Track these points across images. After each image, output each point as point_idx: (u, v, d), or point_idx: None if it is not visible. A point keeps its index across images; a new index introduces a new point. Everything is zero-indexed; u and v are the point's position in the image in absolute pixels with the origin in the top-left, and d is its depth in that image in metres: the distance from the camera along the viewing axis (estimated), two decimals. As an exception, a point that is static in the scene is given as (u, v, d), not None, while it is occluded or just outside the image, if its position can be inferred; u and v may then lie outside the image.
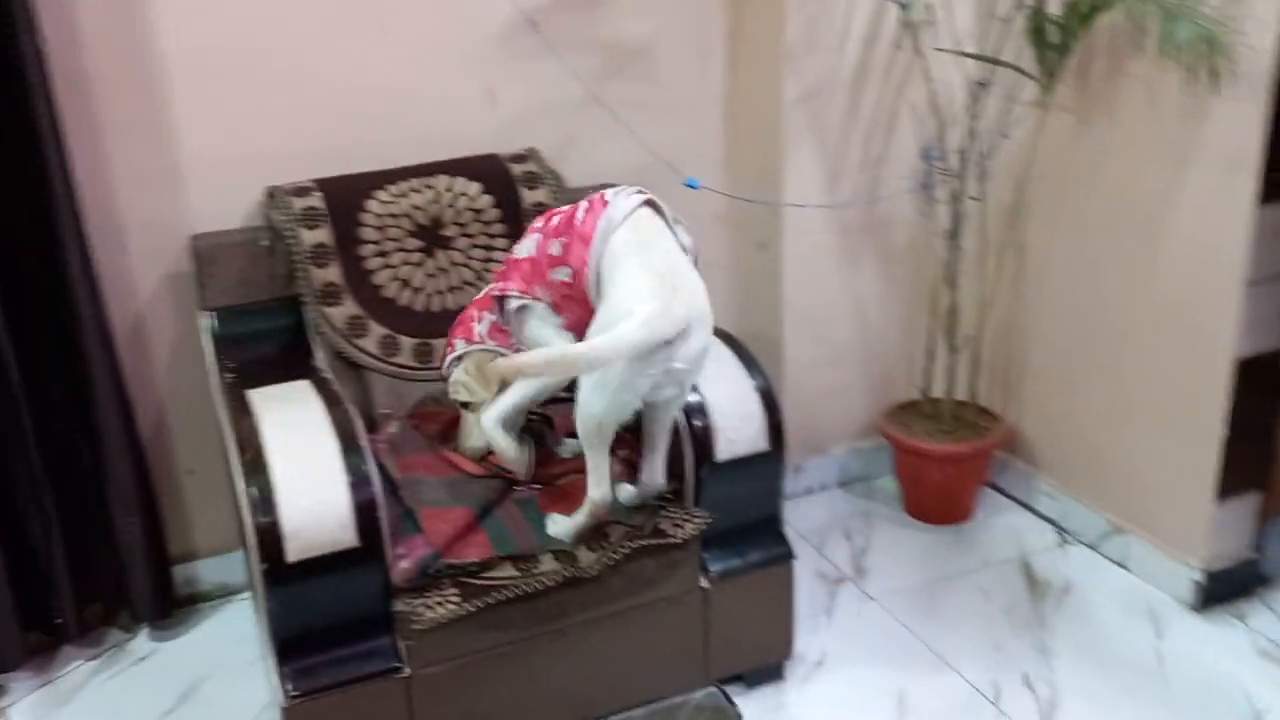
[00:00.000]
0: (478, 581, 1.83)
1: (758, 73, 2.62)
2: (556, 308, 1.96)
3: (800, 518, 2.78)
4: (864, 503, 2.89)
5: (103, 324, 2.16)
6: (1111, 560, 2.57)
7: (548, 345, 1.91)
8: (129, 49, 2.16)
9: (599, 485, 1.84)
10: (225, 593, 2.55)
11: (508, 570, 1.84)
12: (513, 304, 2.00)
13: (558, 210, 2.00)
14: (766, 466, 2.05)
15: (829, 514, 2.84)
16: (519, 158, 2.41)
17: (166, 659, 2.36)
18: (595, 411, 1.77)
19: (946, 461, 2.69)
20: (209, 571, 2.53)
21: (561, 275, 1.90)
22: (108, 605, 2.40)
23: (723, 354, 2.08)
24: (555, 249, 1.92)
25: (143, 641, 2.41)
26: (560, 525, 1.90)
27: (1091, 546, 2.62)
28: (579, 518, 1.88)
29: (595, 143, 2.56)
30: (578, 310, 1.92)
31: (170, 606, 2.42)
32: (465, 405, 2.05)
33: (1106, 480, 2.58)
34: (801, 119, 2.57)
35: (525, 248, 2.01)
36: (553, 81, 2.50)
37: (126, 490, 2.25)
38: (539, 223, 2.02)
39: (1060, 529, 2.71)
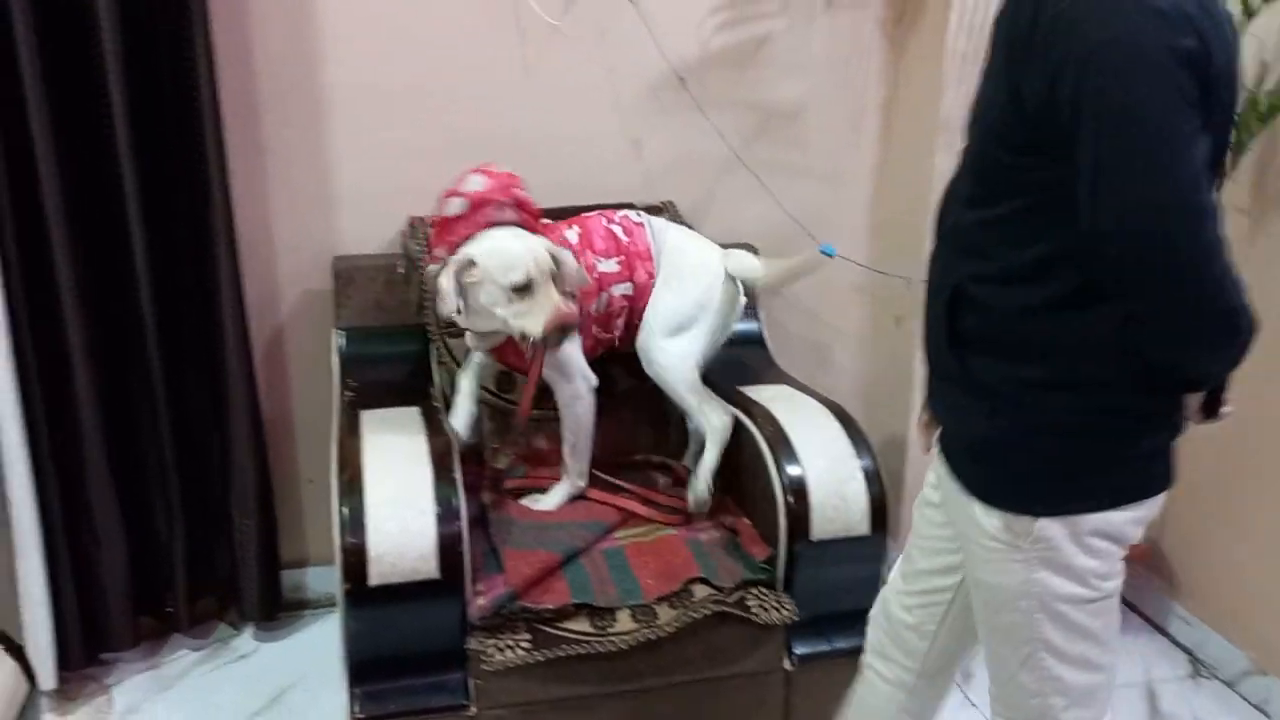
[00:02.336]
0: (551, 630, 1.81)
1: (910, 144, 2.55)
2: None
3: (909, 608, 2.63)
4: (981, 601, 2.73)
5: (244, 334, 2.27)
6: (1249, 702, 2.34)
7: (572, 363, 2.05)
8: (297, 79, 2.29)
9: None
10: (329, 603, 2.61)
11: (583, 624, 1.82)
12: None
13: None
14: (865, 551, 1.96)
15: (942, 608, 2.69)
16: (655, 209, 2.41)
17: (265, 660, 2.43)
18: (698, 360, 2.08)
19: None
20: (316, 580, 2.61)
21: (619, 291, 2.08)
22: (218, 601, 2.51)
23: (830, 428, 2.02)
24: (611, 267, 2.06)
25: (246, 640, 2.50)
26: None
27: (1228, 684, 2.39)
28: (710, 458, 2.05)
29: (734, 201, 2.55)
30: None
31: (276, 609, 2.50)
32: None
33: (1253, 615, 2.35)
34: (951, 195, 2.48)
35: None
36: (697, 137, 2.50)
37: (247, 493, 2.35)
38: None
39: (1195, 659, 2.49)
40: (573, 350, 2.04)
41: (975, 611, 1.44)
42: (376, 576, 1.74)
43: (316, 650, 2.46)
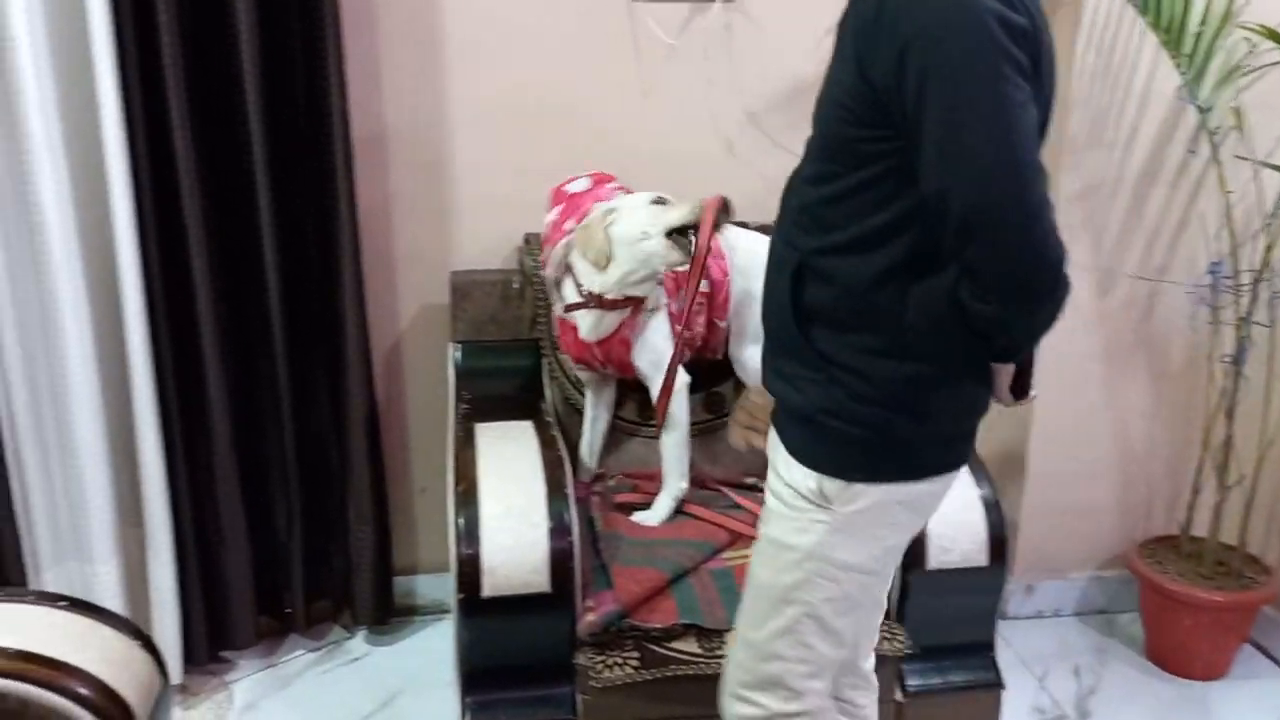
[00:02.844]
0: (659, 649, 1.81)
1: (1034, 165, 2.49)
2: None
3: (1024, 642, 2.56)
4: (1100, 638, 2.63)
5: (365, 346, 2.34)
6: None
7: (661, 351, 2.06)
8: (424, 98, 2.36)
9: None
10: (439, 610, 2.66)
11: (691, 645, 1.81)
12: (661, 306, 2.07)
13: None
14: (982, 583, 1.92)
15: (1058, 644, 2.60)
16: (766, 228, 2.39)
17: (376, 664, 2.49)
18: None
19: (1202, 610, 2.40)
20: (427, 587, 2.66)
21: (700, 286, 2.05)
22: (333, 603, 2.57)
23: (948, 456, 1.97)
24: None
25: (359, 643, 2.56)
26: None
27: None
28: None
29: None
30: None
31: (388, 614, 2.56)
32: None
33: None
34: (1076, 215, 2.41)
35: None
36: (813, 157, 2.48)
37: (364, 500, 2.41)
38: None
39: (1332, 708, 2.35)
40: (665, 344, 2.06)
41: (751, 573, 1.50)
42: (490, 588, 1.77)
43: (426, 656, 2.51)
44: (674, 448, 2.09)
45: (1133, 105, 2.35)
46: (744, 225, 2.33)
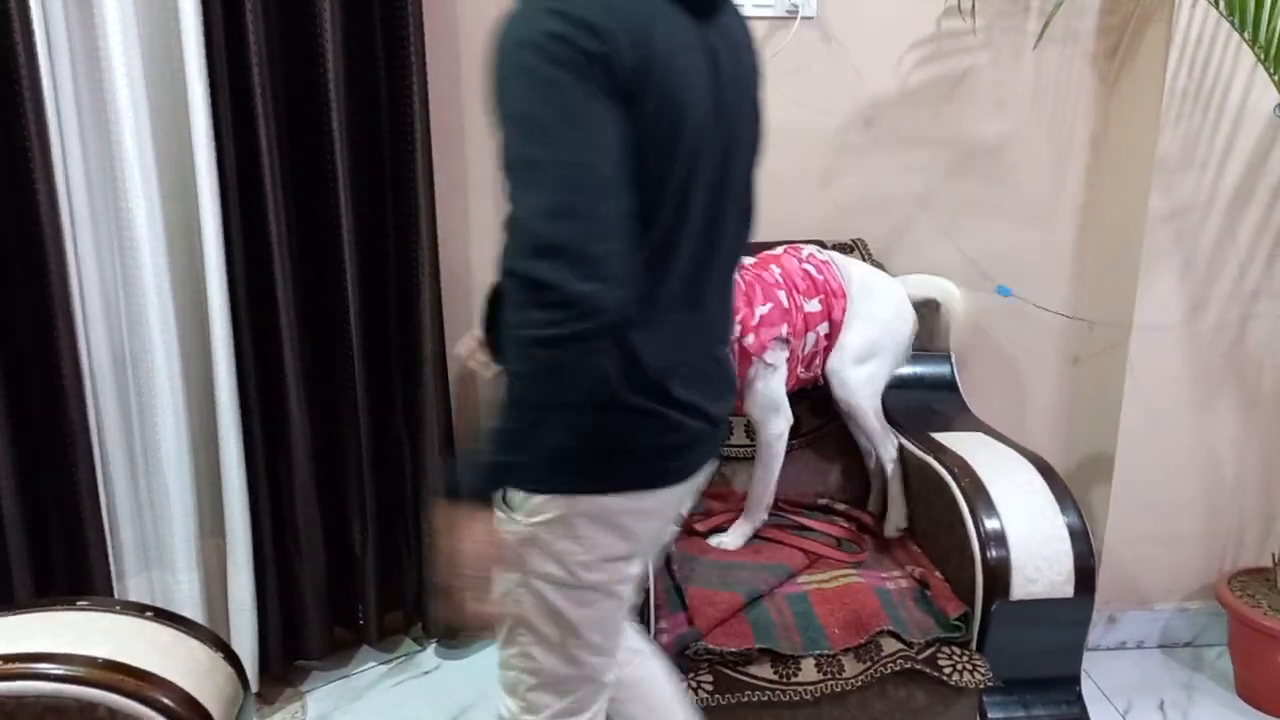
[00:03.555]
0: (733, 674, 1.79)
1: (1121, 184, 2.43)
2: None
3: (1107, 674, 2.48)
4: (1187, 672, 2.54)
5: (441, 362, 2.36)
6: None
7: (780, 400, 2.06)
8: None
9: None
10: (507, 626, 2.66)
11: (766, 670, 1.79)
12: (775, 356, 2.04)
13: (754, 269, 2.11)
14: (1069, 615, 1.86)
15: (1142, 677, 2.52)
16: (845, 247, 2.37)
17: (446, 677, 2.49)
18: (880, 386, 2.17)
19: (1297, 646, 2.31)
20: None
21: (822, 331, 2.11)
22: (405, 616, 2.59)
23: (1033, 482, 1.92)
24: (814, 306, 2.08)
25: (429, 656, 2.57)
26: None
27: None
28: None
29: (927, 239, 2.49)
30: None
31: (458, 628, 2.57)
32: None
33: None
34: (1167, 236, 2.34)
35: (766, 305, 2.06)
36: (890, 174, 2.45)
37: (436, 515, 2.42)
38: (769, 279, 2.09)
39: None
40: (779, 387, 2.06)
41: None
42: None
43: (495, 672, 2.50)
44: (763, 482, 2.09)
45: (1226, 124, 2.28)
46: (820, 244, 2.32)
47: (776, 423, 2.06)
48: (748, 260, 2.12)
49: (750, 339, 2.00)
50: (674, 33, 1.21)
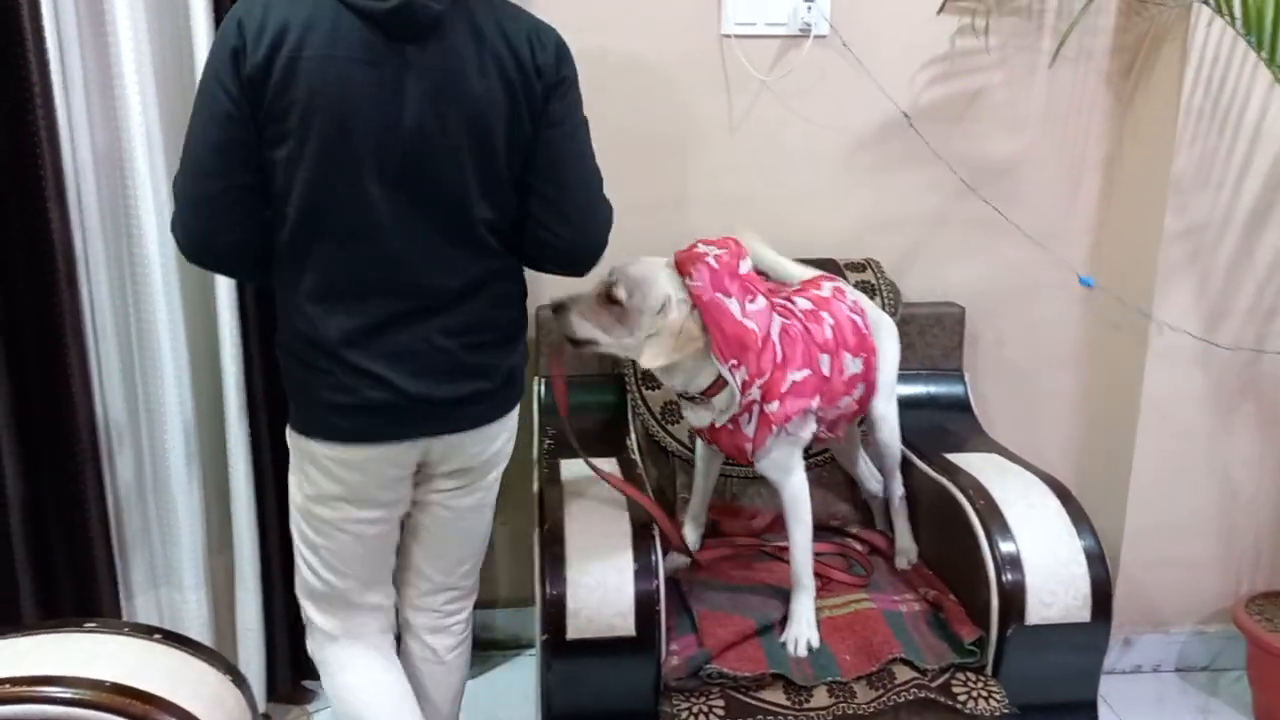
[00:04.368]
0: (745, 699, 1.76)
1: (1135, 203, 2.41)
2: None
3: (1122, 698, 2.46)
4: (1203, 697, 2.51)
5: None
6: None
7: (796, 463, 1.90)
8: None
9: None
10: (517, 644, 2.65)
11: (778, 695, 1.77)
12: (797, 427, 1.88)
13: (796, 313, 1.91)
14: (1085, 640, 1.83)
15: (1157, 700, 2.49)
16: (857, 266, 2.36)
17: (453, 698, 2.47)
18: None
19: (1316, 672, 2.28)
20: (506, 621, 2.65)
21: (857, 394, 1.98)
22: (412, 635, 2.57)
23: (1049, 504, 1.90)
24: (856, 367, 1.95)
25: (437, 675, 2.55)
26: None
27: None
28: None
29: (941, 259, 2.47)
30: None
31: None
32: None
33: None
34: (1181, 254, 2.33)
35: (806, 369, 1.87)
36: (901, 194, 2.44)
37: (445, 532, 2.41)
38: (812, 334, 1.89)
39: None
40: (797, 453, 1.91)
41: None
42: (574, 630, 1.74)
43: (505, 691, 2.49)
44: (802, 546, 1.89)
45: (1243, 144, 2.26)
46: (833, 262, 2.30)
47: (792, 482, 1.89)
48: (799, 299, 1.96)
49: (774, 406, 1.80)
50: (337, 41, 1.42)
